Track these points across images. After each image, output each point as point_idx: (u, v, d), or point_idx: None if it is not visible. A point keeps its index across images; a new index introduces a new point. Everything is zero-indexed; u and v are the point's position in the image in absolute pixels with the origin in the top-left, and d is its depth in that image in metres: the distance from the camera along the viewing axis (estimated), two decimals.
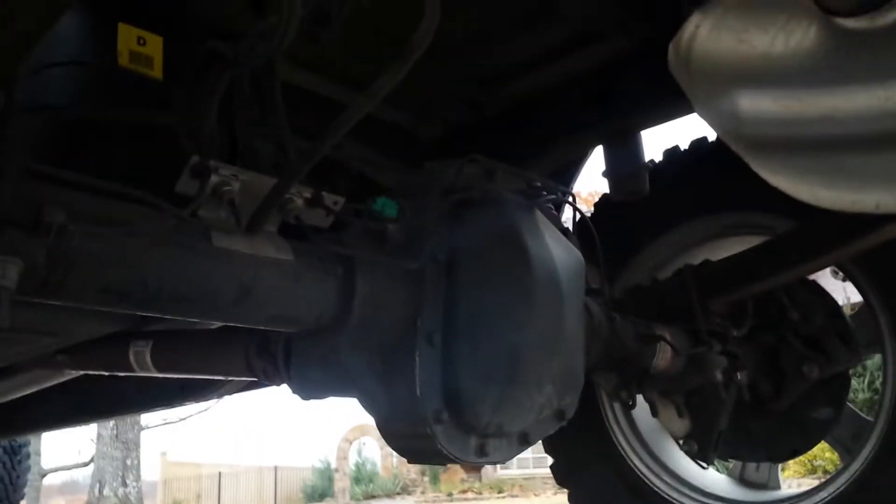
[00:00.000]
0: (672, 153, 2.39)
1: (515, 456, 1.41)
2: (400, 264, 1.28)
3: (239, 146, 1.33)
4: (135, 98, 1.32)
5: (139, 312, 1.05)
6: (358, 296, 1.21)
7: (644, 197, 2.10)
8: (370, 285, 1.23)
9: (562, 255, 1.45)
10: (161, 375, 1.99)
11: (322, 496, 20.48)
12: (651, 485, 2.29)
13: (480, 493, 15.85)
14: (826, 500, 2.05)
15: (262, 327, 1.21)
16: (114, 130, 1.31)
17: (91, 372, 2.21)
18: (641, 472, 2.31)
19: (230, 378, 2.28)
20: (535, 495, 14.65)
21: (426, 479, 18.72)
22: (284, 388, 1.57)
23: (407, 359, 1.27)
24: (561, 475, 2.45)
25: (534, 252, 1.36)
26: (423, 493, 17.86)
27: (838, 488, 2.06)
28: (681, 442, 2.11)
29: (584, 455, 2.38)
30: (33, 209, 0.85)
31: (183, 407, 2.71)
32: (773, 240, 2.01)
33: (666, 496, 2.26)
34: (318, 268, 1.19)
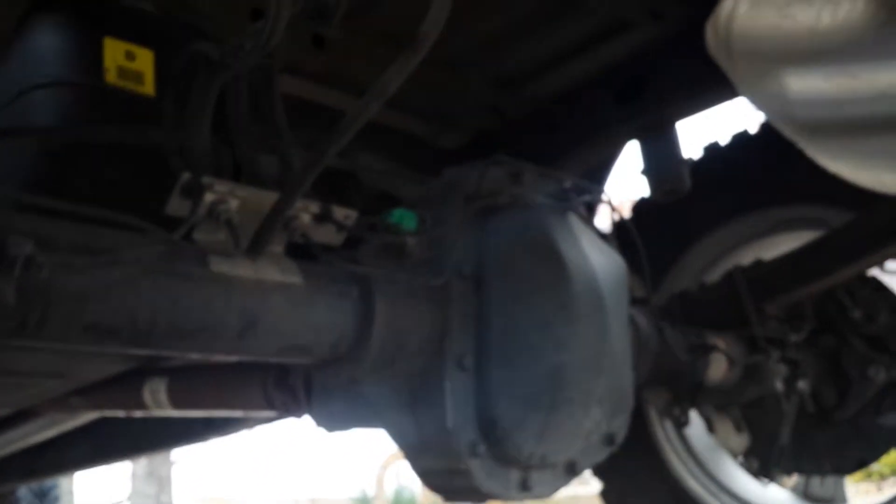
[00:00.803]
0: (713, 149, 2.25)
1: (562, 488, 1.26)
2: (422, 281, 1.15)
3: (242, 166, 1.22)
4: (126, 117, 1.21)
5: (132, 351, 0.93)
6: (377, 319, 1.08)
7: (686, 195, 1.96)
8: (390, 306, 1.10)
9: (602, 262, 1.31)
10: (178, 414, 1.89)
11: None
12: None
13: None
14: None
15: (272, 360, 1.09)
16: (104, 153, 1.20)
17: (108, 413, 2.13)
18: (698, 494, 2.15)
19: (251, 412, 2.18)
20: None
21: None
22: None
23: (436, 386, 1.14)
24: (612, 501, 2.29)
25: (571, 260, 1.22)
26: None
27: None
28: (740, 459, 1.96)
29: (636, 478, 2.23)
30: None
31: (209, 442, 2.61)
32: (829, 234, 1.86)
33: None
34: (332, 290, 1.07)
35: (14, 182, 1.14)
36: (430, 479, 1.19)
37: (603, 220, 1.67)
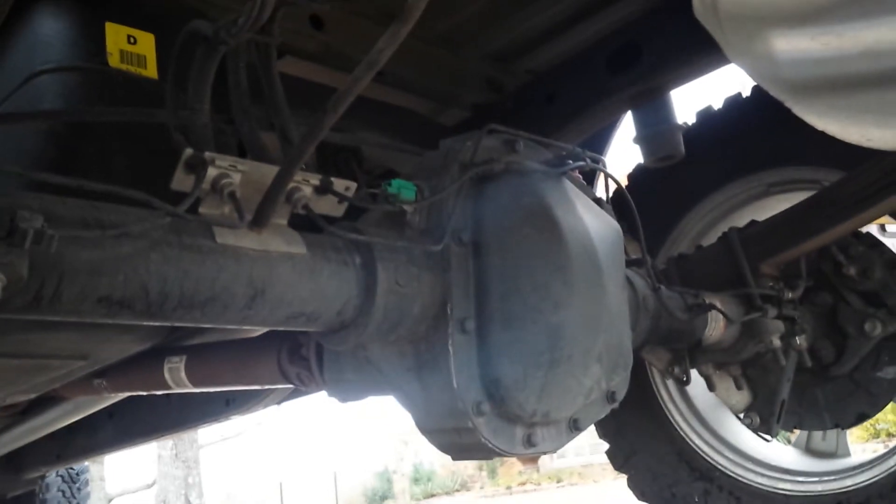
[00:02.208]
0: (706, 114, 2.27)
1: (566, 444, 1.31)
2: (422, 248, 1.19)
3: (244, 143, 1.26)
4: (130, 100, 1.26)
5: (145, 322, 0.98)
6: (380, 285, 1.13)
7: (679, 161, 1.99)
8: (392, 273, 1.14)
9: (597, 225, 1.35)
10: (198, 391, 1.94)
11: (383, 499, 20.56)
12: (714, 463, 2.18)
13: (539, 485, 15.71)
14: None
15: (280, 328, 1.13)
16: (111, 134, 1.25)
17: (131, 393, 2.18)
18: (703, 451, 2.20)
19: (270, 387, 2.24)
20: (595, 482, 14.49)
21: (484, 474, 18.66)
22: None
23: (440, 349, 1.19)
24: (618, 460, 2.34)
25: (566, 224, 1.26)
26: (481, 488, 17.79)
27: None
28: (741, 415, 2.00)
29: (641, 438, 2.28)
30: (7, 217, 0.78)
31: (231, 420, 2.68)
32: (821, 192, 1.89)
33: (731, 474, 2.15)
34: (335, 259, 1.11)
35: (23, 165, 1.18)
36: (438, 438, 1.24)
37: (601, 188, 1.71)
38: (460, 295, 1.21)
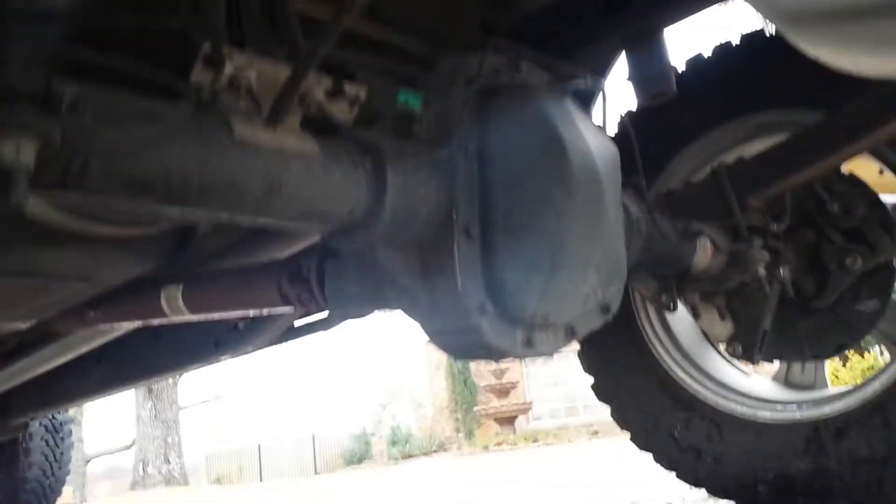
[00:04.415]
0: (696, 61, 2.32)
1: (562, 348, 1.37)
2: (429, 155, 1.23)
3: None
4: (146, 4, 1.27)
5: (165, 207, 1.01)
6: (389, 187, 1.16)
7: (668, 105, 2.03)
8: (401, 176, 1.18)
9: (597, 143, 1.39)
10: (195, 318, 1.96)
11: (361, 460, 20.79)
12: (695, 393, 2.26)
13: (515, 445, 15.97)
14: (877, 392, 2.01)
15: (292, 223, 1.16)
16: (124, 39, 1.26)
17: (125, 323, 2.19)
18: (684, 382, 2.28)
19: (266, 330, 2.26)
20: (570, 442, 14.77)
21: (461, 435, 18.90)
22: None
23: (445, 252, 1.23)
24: (602, 392, 2.42)
25: (568, 138, 1.31)
26: (458, 448, 18.03)
27: (888, 381, 2.02)
28: (723, 345, 2.07)
29: (625, 370, 2.35)
30: (43, 82, 0.80)
31: (220, 362, 2.69)
32: (806, 130, 1.94)
33: (711, 403, 2.23)
34: (346, 161, 1.15)
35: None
36: (443, 340, 1.28)
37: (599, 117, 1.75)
38: (465, 202, 1.25)
